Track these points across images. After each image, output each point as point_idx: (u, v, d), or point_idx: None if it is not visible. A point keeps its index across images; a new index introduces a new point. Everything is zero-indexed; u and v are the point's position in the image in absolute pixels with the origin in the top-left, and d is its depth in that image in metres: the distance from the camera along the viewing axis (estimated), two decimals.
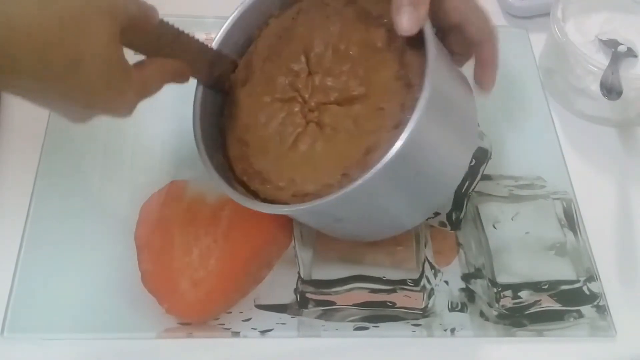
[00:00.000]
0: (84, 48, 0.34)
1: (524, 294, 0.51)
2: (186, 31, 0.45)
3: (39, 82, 0.34)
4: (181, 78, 0.45)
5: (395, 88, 0.43)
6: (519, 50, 0.66)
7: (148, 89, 0.42)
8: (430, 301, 0.51)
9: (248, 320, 0.49)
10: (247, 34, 0.50)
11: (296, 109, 0.46)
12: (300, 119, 0.46)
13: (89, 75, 0.35)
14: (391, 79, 0.44)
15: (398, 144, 0.39)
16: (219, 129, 0.49)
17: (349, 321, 0.49)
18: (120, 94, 0.38)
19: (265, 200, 0.45)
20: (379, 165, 0.39)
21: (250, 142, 0.47)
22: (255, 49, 0.50)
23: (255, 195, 0.46)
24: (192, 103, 0.48)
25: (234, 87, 0.49)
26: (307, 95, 0.46)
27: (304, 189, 0.44)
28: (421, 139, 0.41)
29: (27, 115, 0.56)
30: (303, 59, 0.47)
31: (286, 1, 0.50)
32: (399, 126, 0.41)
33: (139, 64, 0.41)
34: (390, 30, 0.44)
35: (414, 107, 0.40)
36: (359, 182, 0.40)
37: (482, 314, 0.50)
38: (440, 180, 0.47)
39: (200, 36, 0.63)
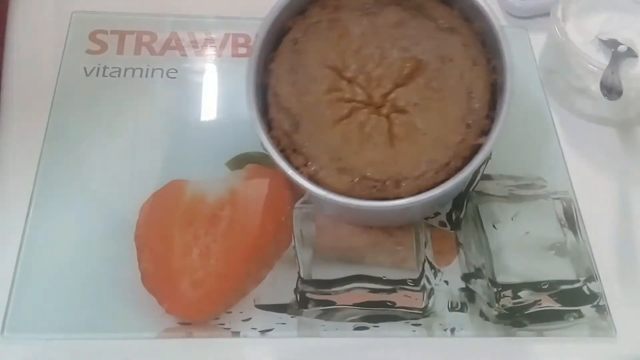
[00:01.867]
0: None
1: (524, 294, 0.51)
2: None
3: None
4: None
5: (435, 29, 0.47)
6: (519, 50, 0.66)
7: None
8: (430, 301, 0.51)
9: (248, 320, 0.49)
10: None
11: (362, 118, 0.46)
12: (377, 120, 0.46)
13: None
14: (431, 25, 0.47)
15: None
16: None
17: (349, 321, 0.49)
18: None
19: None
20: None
21: (354, 166, 0.45)
22: (279, 98, 0.48)
23: None
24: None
25: (288, 150, 0.47)
26: (364, 98, 0.46)
27: (442, 161, 0.45)
28: None
29: (27, 115, 0.57)
30: (329, 72, 0.47)
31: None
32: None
33: None
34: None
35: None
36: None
37: (482, 314, 0.50)
38: None
39: (200, 36, 0.63)
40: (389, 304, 0.50)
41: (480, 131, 0.46)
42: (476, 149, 0.45)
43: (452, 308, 0.50)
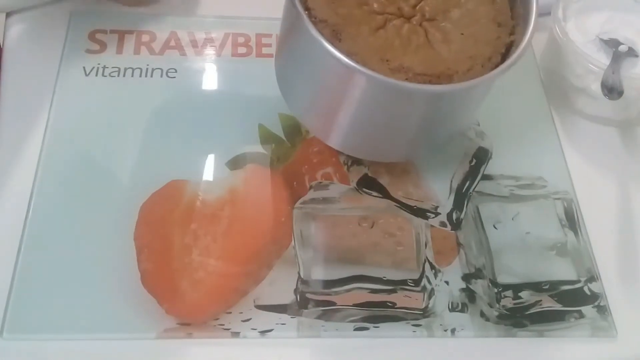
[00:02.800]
0: None
1: (524, 294, 0.51)
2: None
3: None
4: None
5: None
6: None
7: None
8: (431, 301, 0.50)
9: (248, 320, 0.48)
10: None
11: (398, 26, 0.49)
12: (413, 27, 0.49)
13: None
14: None
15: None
16: None
17: (349, 321, 0.49)
18: None
19: None
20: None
21: (404, 65, 0.47)
22: (315, 11, 0.48)
23: None
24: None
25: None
26: (395, 10, 0.49)
27: (484, 55, 0.48)
28: None
29: (27, 115, 0.56)
30: None
31: None
32: None
33: None
34: None
35: None
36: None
37: (482, 315, 0.50)
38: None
39: (200, 36, 0.63)
40: (389, 304, 0.50)
41: (510, 30, 0.50)
42: (509, 47, 0.49)
43: (452, 308, 0.50)
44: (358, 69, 0.44)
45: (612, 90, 0.56)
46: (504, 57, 0.49)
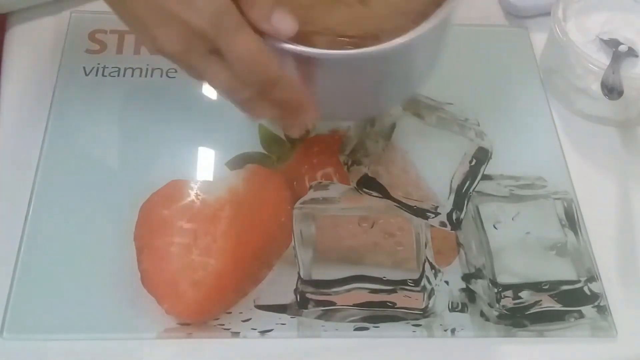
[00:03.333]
0: None
1: (524, 294, 0.51)
2: None
3: None
4: None
5: None
6: (519, 50, 0.66)
7: None
8: (431, 301, 0.50)
9: (248, 320, 0.48)
10: None
11: None
12: None
13: None
14: None
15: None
16: None
17: (349, 321, 0.49)
18: None
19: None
20: None
21: (327, 26, 0.44)
22: None
23: None
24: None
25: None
26: None
27: (417, 10, 0.44)
28: None
29: (27, 115, 0.57)
30: None
31: None
32: None
33: None
34: None
35: None
36: None
37: (482, 315, 0.50)
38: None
39: None
40: (389, 304, 0.50)
41: None
42: None
43: (452, 308, 0.50)
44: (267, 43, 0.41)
45: (612, 90, 0.56)
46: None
